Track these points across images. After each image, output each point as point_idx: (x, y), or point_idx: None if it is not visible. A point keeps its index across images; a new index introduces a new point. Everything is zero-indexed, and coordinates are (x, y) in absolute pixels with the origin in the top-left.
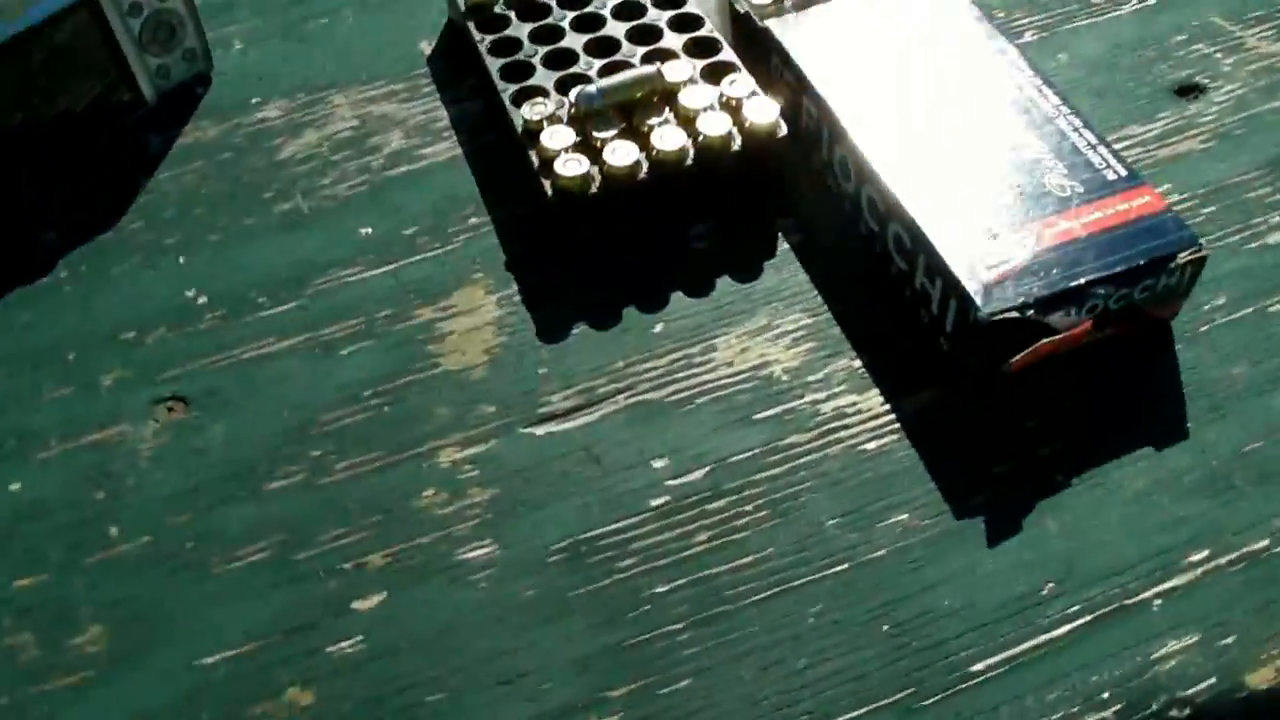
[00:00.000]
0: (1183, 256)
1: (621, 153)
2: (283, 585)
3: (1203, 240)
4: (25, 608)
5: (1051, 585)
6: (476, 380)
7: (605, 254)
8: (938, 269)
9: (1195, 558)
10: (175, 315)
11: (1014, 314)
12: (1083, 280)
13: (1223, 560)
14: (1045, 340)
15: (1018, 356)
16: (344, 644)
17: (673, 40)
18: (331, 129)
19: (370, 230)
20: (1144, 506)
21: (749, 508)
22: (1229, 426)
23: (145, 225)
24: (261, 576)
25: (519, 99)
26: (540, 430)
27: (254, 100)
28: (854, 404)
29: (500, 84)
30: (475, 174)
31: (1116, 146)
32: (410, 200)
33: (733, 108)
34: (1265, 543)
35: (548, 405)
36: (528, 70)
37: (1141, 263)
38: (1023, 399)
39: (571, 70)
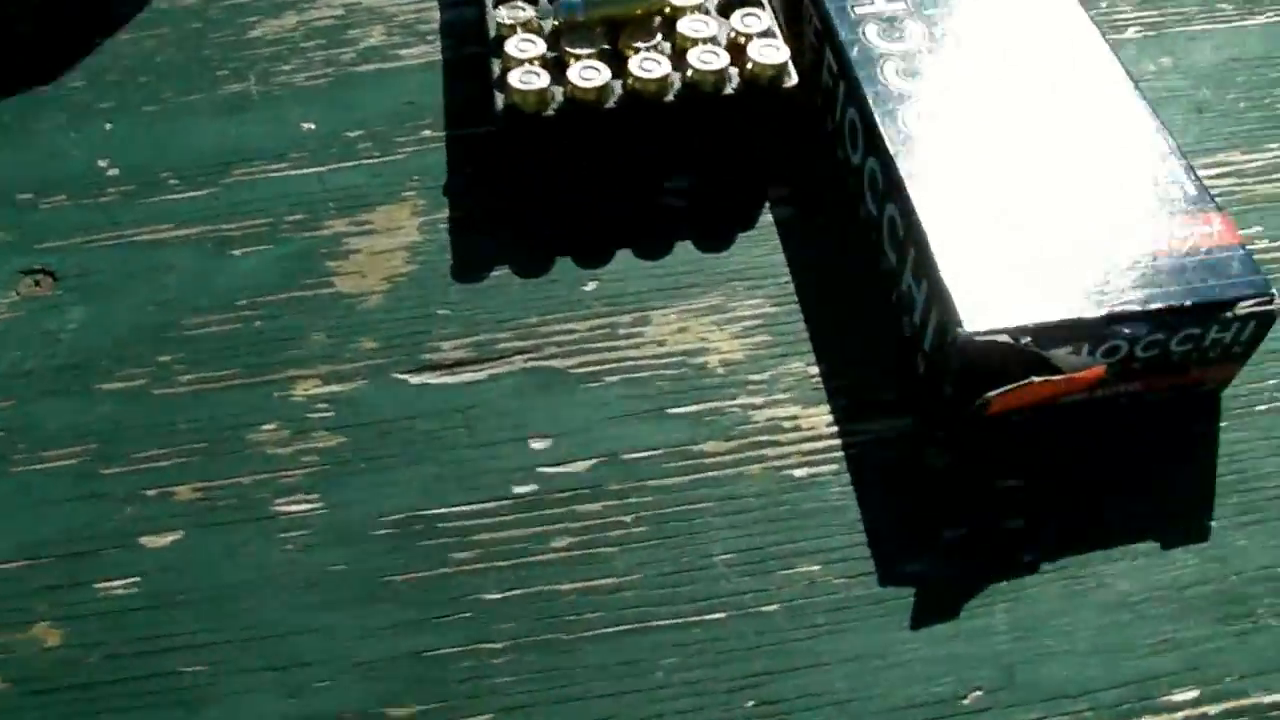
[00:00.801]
0: (1244, 306)
1: (590, 73)
2: (77, 501)
3: (1277, 292)
4: None
5: (979, 694)
6: (367, 309)
7: (559, 192)
8: (926, 266)
9: (1179, 697)
10: (79, 184)
11: (1004, 338)
12: (1104, 311)
13: (1214, 709)
14: (1040, 379)
15: (996, 392)
16: (116, 583)
17: None
18: (314, 14)
19: (314, 126)
20: (1127, 617)
21: (628, 518)
22: (1263, 537)
23: (85, 85)
24: (59, 486)
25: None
26: (416, 379)
27: None
28: (794, 418)
29: None
30: (446, 84)
31: (1209, 173)
32: (367, 101)
33: (739, 46)
34: (1278, 698)
35: (435, 353)
36: None
37: (1187, 303)
38: (1004, 452)
39: None
